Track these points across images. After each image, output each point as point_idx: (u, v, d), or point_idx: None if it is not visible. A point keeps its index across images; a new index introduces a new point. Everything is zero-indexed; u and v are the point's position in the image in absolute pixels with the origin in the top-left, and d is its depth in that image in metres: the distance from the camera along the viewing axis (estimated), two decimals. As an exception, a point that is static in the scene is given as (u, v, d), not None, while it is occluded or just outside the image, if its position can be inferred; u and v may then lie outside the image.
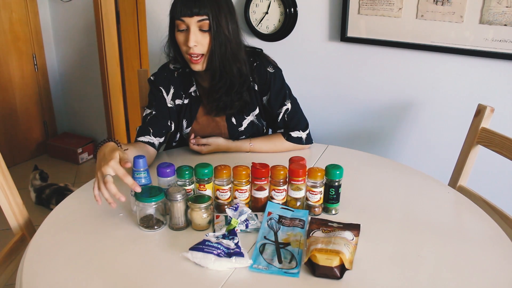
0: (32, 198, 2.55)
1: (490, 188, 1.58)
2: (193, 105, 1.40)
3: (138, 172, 1.01)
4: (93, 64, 3.00)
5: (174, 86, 1.38)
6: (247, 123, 1.41)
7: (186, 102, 1.39)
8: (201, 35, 1.22)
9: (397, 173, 1.30)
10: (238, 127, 1.41)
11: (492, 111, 1.30)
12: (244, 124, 1.41)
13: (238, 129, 1.41)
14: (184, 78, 1.39)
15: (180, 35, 1.24)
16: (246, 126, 1.41)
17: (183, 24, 1.21)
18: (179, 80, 1.39)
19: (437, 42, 1.58)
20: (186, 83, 1.39)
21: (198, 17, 1.19)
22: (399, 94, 1.75)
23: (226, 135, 1.42)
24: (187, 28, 1.21)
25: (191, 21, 1.20)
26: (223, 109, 1.35)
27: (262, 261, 0.87)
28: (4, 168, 1.11)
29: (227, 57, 1.26)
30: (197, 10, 1.18)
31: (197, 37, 1.21)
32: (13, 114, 2.99)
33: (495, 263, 0.89)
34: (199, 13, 1.19)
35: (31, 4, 2.92)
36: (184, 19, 1.20)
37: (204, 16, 1.19)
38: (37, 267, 0.86)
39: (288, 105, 1.39)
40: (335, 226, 0.97)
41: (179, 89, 1.39)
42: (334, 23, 1.78)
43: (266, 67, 1.36)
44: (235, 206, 0.97)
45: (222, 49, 1.25)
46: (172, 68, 1.40)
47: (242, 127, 1.41)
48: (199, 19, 1.20)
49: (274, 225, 0.98)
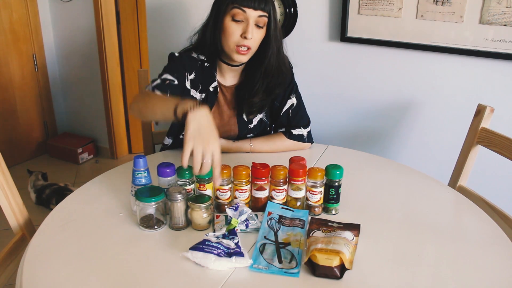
0: (32, 199, 2.55)
1: (490, 188, 1.58)
2: (209, 101, 1.37)
3: (138, 172, 1.01)
4: (93, 64, 3.00)
5: (196, 74, 1.34)
6: (257, 120, 1.42)
7: (203, 96, 1.36)
8: (256, 30, 1.23)
9: (397, 173, 1.30)
10: (248, 124, 1.41)
11: (492, 111, 1.30)
12: (254, 121, 1.42)
13: (248, 126, 1.41)
14: (206, 72, 1.35)
15: (234, 24, 1.23)
16: (255, 124, 1.42)
17: (241, 14, 1.21)
18: (201, 71, 1.35)
19: (437, 42, 1.58)
20: (207, 77, 1.35)
21: (261, 12, 1.21)
22: (399, 94, 1.75)
23: (235, 132, 1.42)
24: (244, 20, 1.22)
25: (252, 14, 1.21)
26: (259, 109, 1.38)
27: (262, 261, 0.87)
28: (4, 168, 1.11)
29: (282, 55, 1.33)
30: (263, 6, 1.21)
31: (254, 30, 1.23)
32: (13, 114, 2.99)
33: (495, 263, 0.89)
34: (264, 9, 1.21)
35: (31, 4, 2.92)
36: (247, 10, 1.20)
37: (266, 13, 1.22)
38: (37, 267, 0.86)
39: (294, 99, 1.41)
40: (335, 226, 0.97)
41: (198, 80, 1.34)
42: (334, 23, 1.78)
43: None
44: (235, 206, 0.97)
45: (278, 46, 1.30)
46: (195, 57, 1.35)
47: (252, 124, 1.42)
48: (261, 14, 1.21)
49: (274, 225, 0.98)
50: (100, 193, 1.15)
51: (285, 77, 1.37)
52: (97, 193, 1.15)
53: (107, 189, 1.16)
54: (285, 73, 1.36)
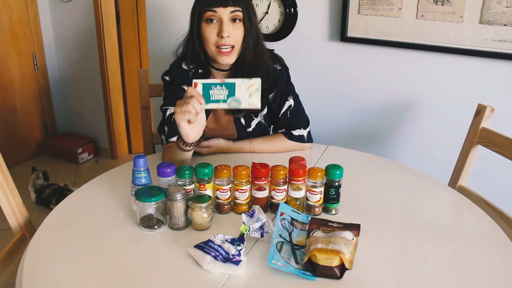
0: (32, 198, 2.55)
1: (490, 188, 1.58)
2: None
3: (138, 172, 1.01)
4: (93, 64, 3.00)
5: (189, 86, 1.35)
6: (255, 123, 1.41)
7: None
8: (232, 27, 1.22)
9: (397, 173, 1.30)
10: (246, 127, 1.41)
11: (492, 111, 1.30)
12: (253, 124, 1.41)
13: (247, 130, 1.41)
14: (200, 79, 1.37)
15: (209, 27, 1.23)
16: (254, 127, 1.41)
17: (214, 15, 1.21)
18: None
19: (437, 42, 1.58)
20: None
21: (231, 8, 1.20)
22: (399, 94, 1.75)
23: (234, 136, 1.41)
24: (218, 20, 1.21)
25: (224, 11, 1.20)
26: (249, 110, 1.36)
27: (279, 258, 0.86)
28: (4, 168, 1.11)
29: (259, 50, 1.29)
30: (232, 3, 1.20)
31: (230, 28, 1.22)
32: (13, 114, 2.99)
33: (495, 263, 0.89)
34: (234, 4, 1.20)
35: (31, 4, 2.92)
36: (217, 9, 1.19)
37: (238, 7, 1.21)
38: (37, 267, 0.86)
39: (291, 101, 1.40)
40: (335, 226, 0.97)
41: None
42: (334, 23, 1.78)
43: (273, 64, 1.37)
44: (251, 212, 0.95)
45: (254, 41, 1.27)
46: (186, 68, 1.36)
47: (250, 127, 1.41)
48: (233, 10, 1.20)
49: (288, 226, 0.97)
50: (100, 193, 1.15)
51: (266, 74, 1.32)
52: (97, 193, 1.15)
53: (107, 189, 1.16)
54: (265, 70, 1.32)
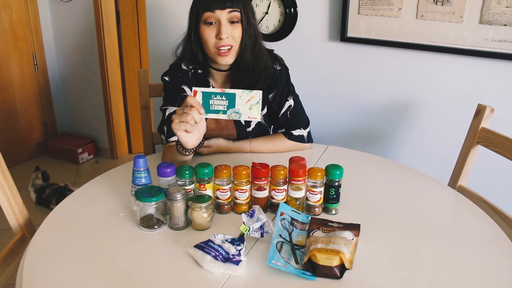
0: (32, 198, 2.55)
1: (490, 188, 1.58)
2: None
3: (138, 172, 1.01)
4: (93, 64, 3.00)
5: (189, 86, 1.36)
6: (255, 123, 1.41)
7: None
8: (231, 28, 1.23)
9: (397, 173, 1.30)
10: (246, 127, 1.41)
11: (492, 111, 1.30)
12: (252, 124, 1.41)
13: (246, 130, 1.41)
14: (199, 80, 1.37)
15: (208, 28, 1.23)
16: (254, 127, 1.41)
17: (212, 17, 1.22)
18: (194, 81, 1.37)
19: (437, 42, 1.58)
20: (202, 84, 1.37)
21: (229, 9, 1.21)
22: (399, 94, 1.75)
23: (234, 136, 1.42)
24: (216, 21, 1.22)
25: (222, 13, 1.21)
26: None
27: (279, 258, 0.86)
28: (4, 168, 1.11)
29: (257, 50, 1.30)
30: (230, 4, 1.21)
31: (228, 29, 1.23)
32: (13, 114, 2.99)
33: (495, 263, 0.89)
34: (232, 6, 1.21)
35: (31, 4, 2.92)
36: (216, 11, 1.20)
37: (236, 8, 1.22)
38: (37, 267, 0.86)
39: (291, 101, 1.40)
40: (335, 226, 0.97)
41: None
42: (334, 23, 1.78)
43: (273, 64, 1.37)
44: (251, 212, 0.95)
45: (253, 41, 1.28)
46: (185, 68, 1.37)
47: (250, 127, 1.41)
48: (230, 11, 1.21)
49: (287, 226, 0.97)
50: (100, 193, 1.15)
51: (264, 73, 1.34)
52: (97, 193, 1.15)
53: (107, 189, 1.16)
54: (263, 69, 1.33)
